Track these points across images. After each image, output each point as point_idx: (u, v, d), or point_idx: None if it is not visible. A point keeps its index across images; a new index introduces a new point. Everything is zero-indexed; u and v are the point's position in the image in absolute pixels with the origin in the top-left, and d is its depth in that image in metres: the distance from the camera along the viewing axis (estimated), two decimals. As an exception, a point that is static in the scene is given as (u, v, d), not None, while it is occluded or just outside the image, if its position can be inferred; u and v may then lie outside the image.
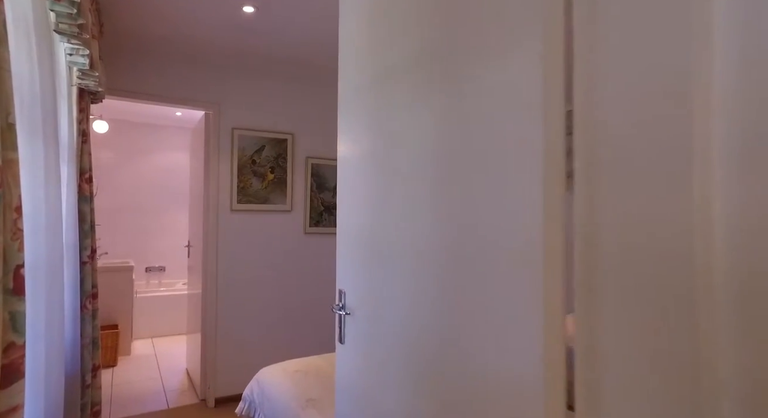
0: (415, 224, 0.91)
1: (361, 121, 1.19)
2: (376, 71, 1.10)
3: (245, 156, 3.05)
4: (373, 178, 1.09)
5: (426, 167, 0.89)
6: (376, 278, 1.05)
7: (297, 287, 3.24)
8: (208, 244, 3.00)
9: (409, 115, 0.96)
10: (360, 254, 1.14)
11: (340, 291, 1.22)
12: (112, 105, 4.34)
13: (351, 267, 1.19)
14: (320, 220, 3.32)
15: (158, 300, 4.71)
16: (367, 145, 1.14)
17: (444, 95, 0.85)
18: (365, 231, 1.11)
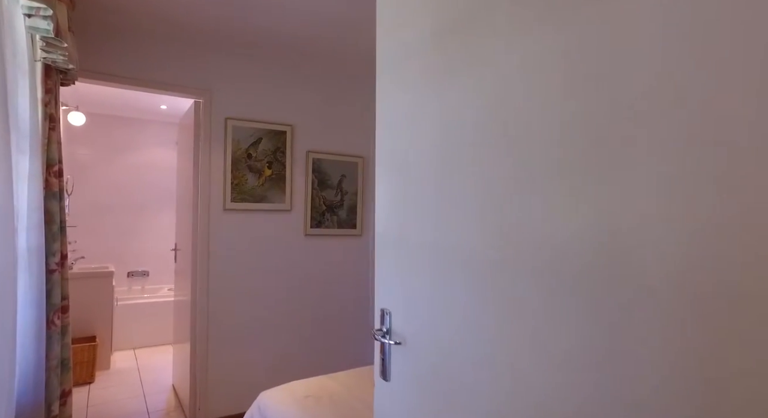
0: (540, 223, 0.63)
1: (413, 92, 0.91)
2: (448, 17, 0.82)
3: (240, 149, 2.74)
4: (439, 165, 0.81)
5: (555, 143, 0.61)
6: (449, 298, 0.77)
7: (298, 295, 2.94)
8: (199, 247, 2.67)
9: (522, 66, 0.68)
10: (416, 264, 0.86)
11: (383, 312, 0.93)
12: (91, 96, 3.97)
13: (400, 281, 0.90)
14: (322, 220, 3.02)
15: (141, 308, 4.35)
16: (427, 124, 0.86)
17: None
18: (424, 234, 0.83)
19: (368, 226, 3.22)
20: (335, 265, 3.08)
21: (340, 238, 3.10)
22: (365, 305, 3.21)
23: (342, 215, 3.10)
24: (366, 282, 3.21)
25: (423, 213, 0.84)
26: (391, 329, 0.90)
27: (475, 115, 0.75)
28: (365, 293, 3.21)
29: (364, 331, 3.19)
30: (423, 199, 0.85)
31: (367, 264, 3.22)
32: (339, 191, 3.09)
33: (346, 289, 3.13)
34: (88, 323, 3.62)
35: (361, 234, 3.18)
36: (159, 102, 4.38)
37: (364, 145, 3.22)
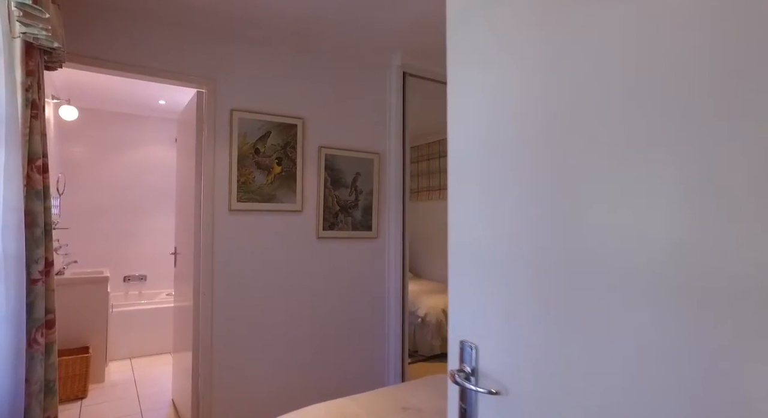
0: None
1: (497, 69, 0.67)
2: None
3: (247, 144, 2.49)
4: (558, 154, 0.57)
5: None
6: (580, 334, 0.53)
7: (310, 303, 2.69)
8: (202, 251, 2.43)
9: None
10: (520, 281, 0.62)
11: (464, 345, 0.69)
12: (83, 89, 3.71)
13: (492, 305, 0.66)
14: (335, 222, 2.78)
15: (138, 315, 4.09)
16: (539, 86, 0.62)
17: None
18: (533, 243, 0.59)
19: (384, 228, 2.97)
20: (350, 270, 2.83)
21: (354, 241, 2.86)
22: (382, 313, 2.96)
23: (356, 216, 2.86)
24: (383, 289, 2.97)
25: (534, 216, 0.60)
26: (478, 370, 0.66)
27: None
28: (382, 301, 2.96)
29: (382, 341, 2.95)
30: (533, 198, 0.61)
31: (384, 269, 2.97)
32: (353, 190, 2.85)
33: (362, 296, 2.88)
34: (81, 333, 3.37)
35: (377, 236, 2.94)
36: (157, 96, 4.13)
37: (380, 140, 2.98)
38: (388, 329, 2.97)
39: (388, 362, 2.95)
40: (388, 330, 2.96)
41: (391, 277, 2.95)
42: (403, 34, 2.60)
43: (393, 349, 2.93)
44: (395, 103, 2.97)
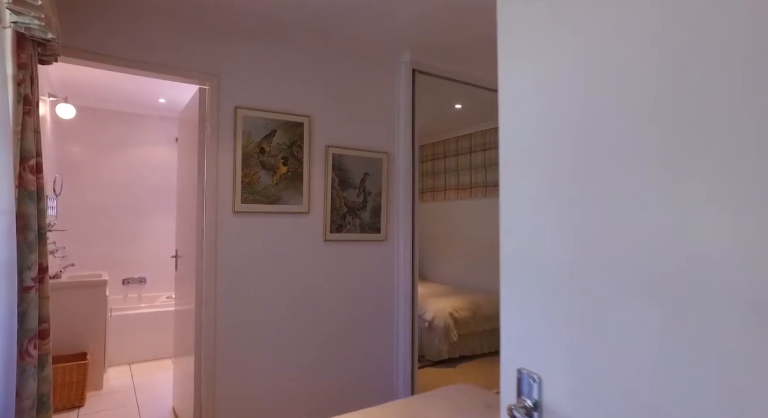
0: None
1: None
2: None
3: (251, 143, 2.39)
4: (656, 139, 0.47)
5: None
6: (694, 366, 0.42)
7: (317, 308, 2.59)
8: (205, 254, 2.32)
9: None
10: (605, 299, 0.51)
11: (525, 375, 0.59)
12: (81, 87, 3.59)
13: (564, 326, 0.56)
14: (343, 224, 2.67)
15: (138, 319, 3.98)
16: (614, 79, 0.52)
17: None
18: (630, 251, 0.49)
19: (393, 230, 2.87)
20: (358, 274, 2.73)
21: (363, 244, 2.75)
22: (391, 319, 2.86)
23: (365, 218, 2.75)
24: (392, 293, 2.86)
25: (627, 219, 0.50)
26: (542, 404, 0.56)
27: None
28: (391, 306, 2.86)
29: (391, 347, 2.84)
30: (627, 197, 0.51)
31: (393, 273, 2.87)
32: (361, 191, 2.74)
33: (371, 301, 2.78)
34: (79, 338, 3.26)
35: (386, 239, 2.84)
36: (157, 95, 4.03)
37: (389, 140, 2.88)
38: (397, 335, 2.86)
39: (397, 369, 2.85)
40: (397, 336, 2.86)
41: (401, 281, 2.85)
42: (413, 29, 2.50)
43: (402, 355, 2.82)
44: (404, 101, 2.86)
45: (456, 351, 3.97)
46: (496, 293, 4.41)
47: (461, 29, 2.49)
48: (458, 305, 4.02)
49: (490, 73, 3.18)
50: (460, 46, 2.72)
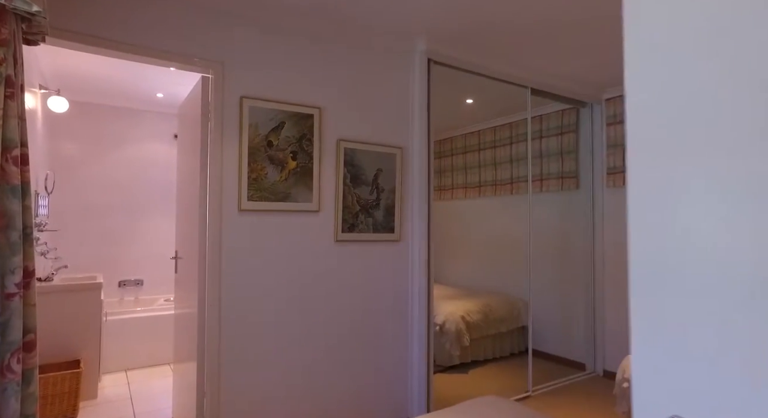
0: None
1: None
2: None
3: (258, 136, 2.21)
4: None
5: None
6: None
7: (327, 313, 2.42)
8: (209, 255, 2.15)
9: None
10: None
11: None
12: (74, 80, 3.38)
13: (742, 361, 0.39)
14: (355, 223, 2.50)
15: (134, 323, 3.79)
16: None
17: None
18: None
19: (408, 230, 2.70)
20: (370, 277, 2.56)
21: (375, 244, 2.58)
22: (405, 323, 2.69)
23: (378, 217, 2.58)
24: (406, 297, 2.70)
25: None
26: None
27: None
28: (405, 310, 2.69)
29: (405, 353, 2.68)
30: None
31: (407, 275, 2.70)
32: (374, 188, 2.57)
33: (384, 305, 2.61)
34: (71, 345, 3.07)
35: (400, 239, 2.67)
36: (154, 89, 3.84)
37: (403, 134, 2.71)
38: (412, 341, 2.69)
39: (411, 376, 2.68)
40: (411, 342, 2.69)
41: (415, 283, 2.68)
42: (429, 15, 2.33)
43: (417, 361, 2.66)
44: (419, 93, 2.70)
45: (468, 356, 3.81)
46: (506, 294, 4.25)
47: (480, 11, 2.32)
48: (470, 307, 3.86)
49: (509, 65, 3.02)
50: (477, 34, 2.55)
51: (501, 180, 4.31)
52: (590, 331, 3.62)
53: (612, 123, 3.50)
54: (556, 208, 3.92)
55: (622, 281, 3.44)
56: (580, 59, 2.96)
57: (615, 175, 3.46)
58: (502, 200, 4.39)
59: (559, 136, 3.87)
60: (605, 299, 3.58)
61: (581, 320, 3.73)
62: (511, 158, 4.18)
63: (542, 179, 3.95)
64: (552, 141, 3.91)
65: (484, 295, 4.21)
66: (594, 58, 2.94)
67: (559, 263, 3.93)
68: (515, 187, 4.14)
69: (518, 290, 4.26)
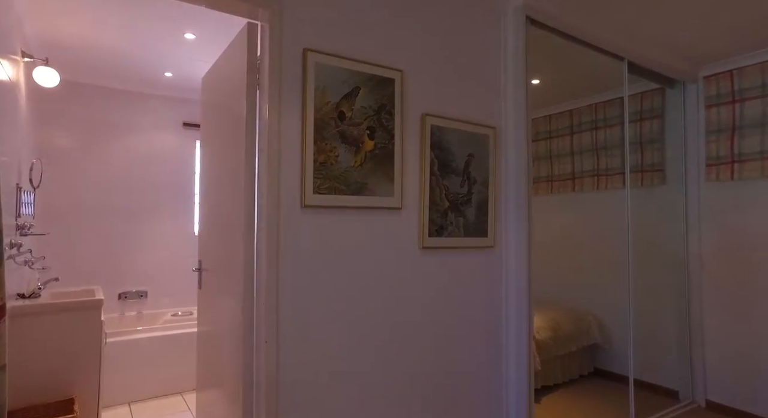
0: None
1: None
2: None
3: (327, 104, 1.61)
4: None
5: None
6: None
7: (407, 341, 1.81)
8: (263, 267, 1.54)
9: None
10: None
11: None
12: (66, 53, 2.67)
13: None
14: (444, 224, 1.91)
15: (139, 345, 3.16)
16: None
17: None
18: None
19: (502, 233, 2.11)
20: (459, 295, 1.96)
21: (466, 252, 1.99)
22: (499, 354, 2.09)
23: (469, 217, 1.99)
24: (499, 320, 2.10)
25: None
26: None
27: None
28: (497, 337, 2.10)
29: (499, 390, 2.08)
30: None
31: (501, 293, 2.11)
32: (466, 179, 1.99)
33: (473, 331, 2.01)
34: (64, 380, 2.44)
35: (494, 246, 2.08)
36: (163, 66, 3.22)
37: (495, 110, 2.13)
38: (507, 373, 2.10)
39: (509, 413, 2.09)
40: (507, 374, 2.10)
41: (511, 303, 2.09)
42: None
43: (514, 398, 2.07)
44: (513, 58, 2.12)
45: (538, 381, 3.23)
46: (571, 306, 3.68)
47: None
48: (538, 323, 3.28)
49: (607, 30, 2.45)
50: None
51: (581, 172, 3.65)
52: (685, 353, 3.05)
53: (714, 104, 2.95)
54: (636, 206, 3.36)
55: (731, 296, 2.89)
56: (688, 24, 2.41)
57: (720, 166, 2.90)
58: (568, 197, 3.82)
59: (638, 122, 3.32)
60: (704, 316, 3.02)
61: (671, 339, 3.16)
62: (590, 147, 3.59)
63: (621, 173, 3.39)
64: (631, 128, 3.35)
65: (548, 307, 3.64)
66: (706, 23, 2.38)
67: (638, 271, 3.37)
68: (594, 182, 3.56)
69: (584, 302, 3.69)
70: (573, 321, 3.48)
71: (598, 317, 3.60)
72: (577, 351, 3.52)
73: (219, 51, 2.93)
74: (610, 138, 3.47)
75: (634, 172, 3.33)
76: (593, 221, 3.62)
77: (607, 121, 3.50)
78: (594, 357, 3.65)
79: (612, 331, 3.54)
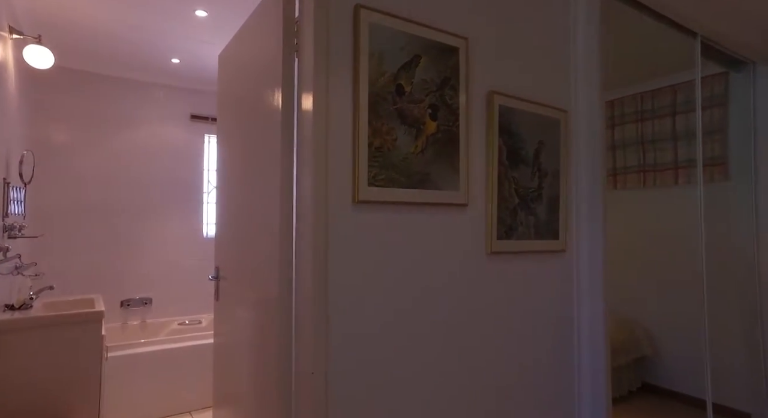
0: None
1: None
2: None
3: (384, 75, 1.30)
4: None
5: None
6: None
7: (474, 361, 1.50)
8: (303, 280, 1.22)
9: None
10: None
11: None
12: (61, 32, 2.27)
13: None
14: (514, 224, 1.59)
15: (143, 359, 2.84)
16: None
17: None
18: None
19: (573, 235, 1.80)
20: (529, 308, 1.65)
21: (536, 257, 1.67)
22: (571, 373, 1.78)
23: (540, 215, 1.68)
24: (570, 334, 1.78)
25: None
26: None
27: None
28: (568, 354, 1.78)
29: (571, 410, 1.76)
30: None
31: (573, 302, 1.80)
32: (536, 171, 1.67)
33: (542, 346, 1.70)
34: (59, 401, 2.12)
35: (565, 249, 1.76)
36: (169, 51, 2.91)
37: (564, 90, 1.81)
38: (580, 396, 1.78)
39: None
40: (580, 397, 1.78)
41: (583, 314, 1.78)
42: None
43: None
44: (585, 30, 1.81)
45: (586, 399, 2.91)
46: (617, 314, 3.36)
47: None
48: (585, 334, 2.96)
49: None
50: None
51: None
52: (759, 370, 2.73)
53: (790, 90, 2.64)
54: (692, 204, 3.04)
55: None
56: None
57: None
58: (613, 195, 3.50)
59: (693, 111, 3.00)
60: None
61: (738, 354, 2.85)
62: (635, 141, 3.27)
63: (677, 168, 3.07)
64: (686, 119, 3.03)
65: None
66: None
67: (693, 277, 3.05)
68: (641, 178, 3.24)
69: (629, 309, 3.38)
70: (621, 331, 3.17)
71: (646, 326, 3.28)
72: (625, 364, 3.20)
73: (234, 31, 2.62)
74: (660, 130, 3.16)
75: (689, 168, 3.02)
76: (640, 222, 3.31)
77: (656, 111, 3.18)
78: (642, 371, 3.33)
79: (662, 342, 3.22)
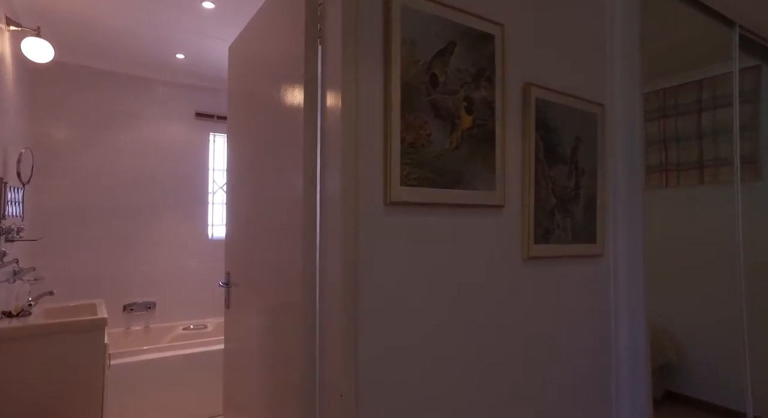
0: None
1: None
2: None
3: (417, 64, 1.18)
4: None
5: None
6: None
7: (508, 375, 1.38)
8: (331, 290, 1.11)
9: None
10: None
11: None
12: (61, 27, 2.13)
13: None
14: (551, 227, 1.47)
15: (147, 368, 2.73)
16: None
17: None
18: None
19: (610, 238, 1.68)
20: (566, 317, 1.53)
21: (573, 262, 1.55)
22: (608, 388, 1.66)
23: (578, 217, 1.56)
24: (608, 345, 1.66)
25: None
26: None
27: None
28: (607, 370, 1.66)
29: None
30: None
31: (610, 311, 1.67)
32: (573, 169, 1.55)
33: (579, 359, 1.58)
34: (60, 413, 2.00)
35: (602, 253, 1.64)
36: (174, 47, 2.79)
37: (600, 83, 1.69)
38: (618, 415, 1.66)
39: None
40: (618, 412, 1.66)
41: (621, 329, 1.66)
42: None
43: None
44: (622, 19, 1.69)
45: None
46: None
47: None
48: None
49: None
50: None
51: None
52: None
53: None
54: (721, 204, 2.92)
55: None
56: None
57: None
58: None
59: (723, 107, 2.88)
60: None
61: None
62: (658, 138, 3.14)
63: (703, 167, 2.95)
64: (713, 115, 2.91)
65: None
66: None
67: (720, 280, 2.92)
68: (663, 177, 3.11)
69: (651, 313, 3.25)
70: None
71: (670, 332, 3.16)
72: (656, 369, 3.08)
73: (242, 25, 2.50)
74: (684, 127, 3.04)
75: (716, 166, 2.89)
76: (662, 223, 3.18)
77: (679, 107, 3.06)
78: (665, 378, 3.20)
79: (688, 348, 3.10)
